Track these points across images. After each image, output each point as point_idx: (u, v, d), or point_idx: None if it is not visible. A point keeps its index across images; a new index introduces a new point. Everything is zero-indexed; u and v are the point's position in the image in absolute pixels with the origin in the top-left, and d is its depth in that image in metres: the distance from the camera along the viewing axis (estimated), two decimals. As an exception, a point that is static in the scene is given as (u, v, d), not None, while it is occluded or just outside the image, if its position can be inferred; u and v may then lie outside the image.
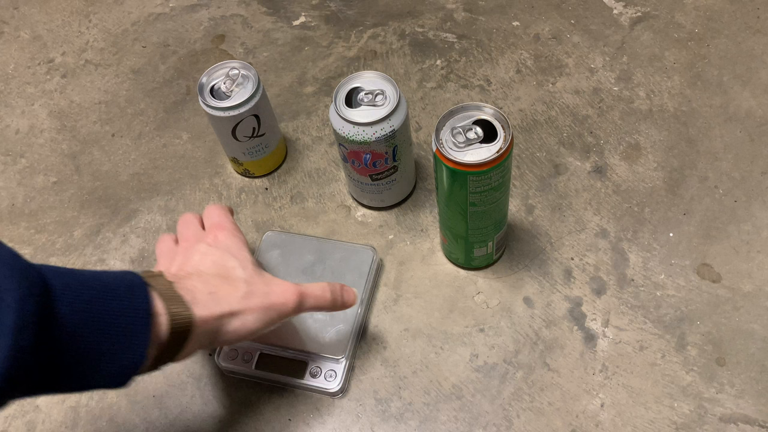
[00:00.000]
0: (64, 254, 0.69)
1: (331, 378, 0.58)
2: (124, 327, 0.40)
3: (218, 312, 0.46)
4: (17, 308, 0.36)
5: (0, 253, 0.38)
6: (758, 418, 0.55)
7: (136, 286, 0.42)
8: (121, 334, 0.40)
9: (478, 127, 0.52)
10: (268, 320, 0.49)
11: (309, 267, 0.63)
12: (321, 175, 0.73)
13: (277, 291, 0.50)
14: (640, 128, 0.72)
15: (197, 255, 0.51)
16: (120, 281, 0.42)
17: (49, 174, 0.76)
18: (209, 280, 0.48)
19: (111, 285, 0.42)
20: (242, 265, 0.50)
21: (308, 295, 0.51)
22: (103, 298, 0.40)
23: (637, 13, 0.83)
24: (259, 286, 0.49)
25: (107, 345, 0.40)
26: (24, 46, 0.89)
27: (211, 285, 0.47)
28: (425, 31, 0.84)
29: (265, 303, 0.49)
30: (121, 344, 0.40)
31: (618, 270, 0.63)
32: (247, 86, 0.65)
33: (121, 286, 0.42)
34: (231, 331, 0.47)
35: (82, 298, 0.40)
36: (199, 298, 0.46)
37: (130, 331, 0.41)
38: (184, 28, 0.89)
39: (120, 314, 0.41)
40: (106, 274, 0.43)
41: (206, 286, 0.47)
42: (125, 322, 0.41)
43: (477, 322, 0.61)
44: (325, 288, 0.53)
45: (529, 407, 0.56)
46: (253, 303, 0.48)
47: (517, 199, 0.68)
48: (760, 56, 0.77)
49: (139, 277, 0.43)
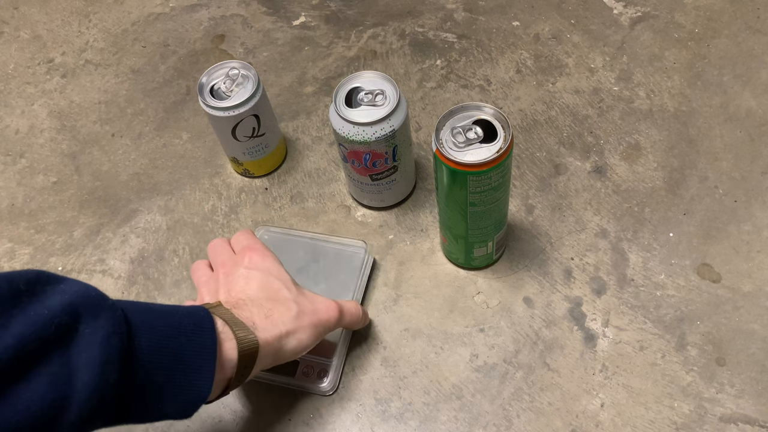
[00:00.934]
0: (64, 254, 0.69)
1: (323, 377, 0.58)
2: (193, 362, 0.43)
3: (277, 333, 0.49)
4: (105, 344, 0.38)
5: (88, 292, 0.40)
6: (758, 418, 0.55)
7: (204, 321, 0.45)
8: (190, 368, 0.43)
9: (478, 127, 0.52)
10: (318, 335, 0.52)
11: (303, 264, 0.63)
12: (321, 175, 0.73)
13: (323, 307, 0.53)
14: (640, 128, 0.72)
15: (241, 280, 0.52)
16: (190, 317, 0.45)
17: (49, 174, 0.76)
18: (262, 304, 0.50)
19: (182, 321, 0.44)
20: (286, 286, 0.52)
21: (346, 311, 0.55)
22: (176, 335, 0.43)
23: (637, 13, 0.83)
24: (306, 305, 0.52)
25: (177, 379, 0.42)
26: (24, 46, 0.89)
27: (265, 309, 0.50)
28: (425, 31, 0.84)
29: (314, 320, 0.52)
30: (189, 378, 0.43)
31: (618, 270, 0.63)
32: (247, 86, 0.65)
33: (190, 323, 0.44)
34: (290, 349, 0.50)
35: (158, 335, 0.42)
36: (258, 322, 0.48)
37: (198, 366, 0.43)
38: (184, 28, 0.89)
39: (190, 350, 0.43)
40: (178, 310, 0.45)
41: (261, 310, 0.49)
42: (194, 357, 0.43)
43: (477, 322, 0.61)
44: (357, 306, 0.58)
45: (529, 407, 0.56)
46: (305, 321, 0.51)
47: (517, 199, 0.68)
48: (760, 56, 0.77)
49: (206, 311, 0.46)
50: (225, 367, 0.45)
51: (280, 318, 0.50)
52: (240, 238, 0.58)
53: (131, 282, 0.67)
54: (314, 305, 0.53)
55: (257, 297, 0.51)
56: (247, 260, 0.53)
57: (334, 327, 0.54)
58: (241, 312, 0.48)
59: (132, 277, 0.67)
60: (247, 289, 0.51)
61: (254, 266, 0.53)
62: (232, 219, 0.70)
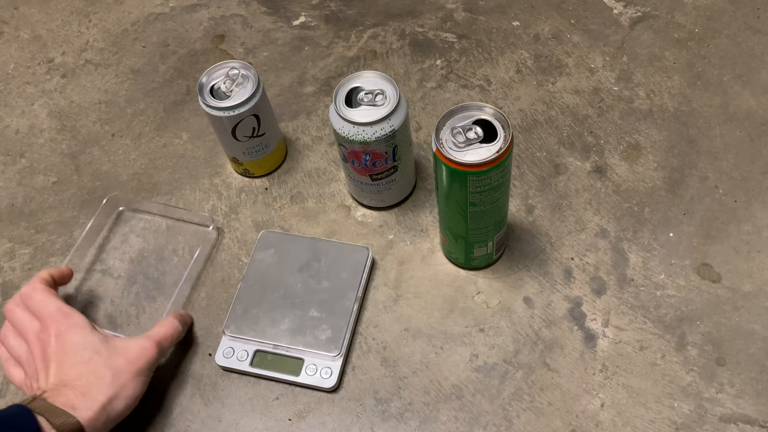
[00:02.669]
0: (64, 254, 0.69)
1: (327, 375, 0.58)
2: None
3: (98, 406, 0.51)
4: None
5: None
6: (758, 418, 0.55)
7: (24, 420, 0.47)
8: None
9: (478, 127, 0.52)
10: (144, 381, 0.55)
11: (304, 266, 0.63)
12: (321, 175, 0.73)
13: (137, 355, 0.55)
14: (640, 128, 0.72)
15: (53, 364, 0.53)
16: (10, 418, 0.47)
17: (49, 174, 0.76)
18: (76, 384, 0.52)
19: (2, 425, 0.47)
20: (96, 352, 0.54)
21: (164, 339, 0.57)
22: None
23: (637, 13, 0.83)
24: (118, 362, 0.54)
25: None
26: (24, 46, 0.89)
27: (79, 387, 0.51)
28: (425, 31, 0.84)
29: (134, 370, 0.54)
30: None
31: (618, 270, 0.63)
32: (247, 86, 0.65)
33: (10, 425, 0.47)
34: (120, 409, 0.52)
35: None
36: (77, 403, 0.50)
37: None
38: (184, 28, 0.89)
39: None
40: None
41: (76, 390, 0.51)
42: None
43: (477, 322, 0.61)
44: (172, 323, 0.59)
45: (529, 407, 0.56)
46: (124, 379, 0.53)
47: (517, 199, 0.68)
48: (760, 56, 0.77)
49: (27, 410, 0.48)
50: None
51: (98, 390, 0.51)
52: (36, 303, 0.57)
53: (131, 282, 0.67)
54: (127, 355, 0.54)
55: (70, 377, 0.52)
56: (54, 338, 0.54)
57: (158, 360, 0.56)
58: (58, 399, 0.50)
59: (132, 276, 0.67)
60: (61, 372, 0.53)
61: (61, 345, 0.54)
62: (232, 219, 0.70)
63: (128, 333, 0.63)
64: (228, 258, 0.67)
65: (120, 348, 0.55)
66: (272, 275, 0.63)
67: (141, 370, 0.54)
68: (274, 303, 0.62)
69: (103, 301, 0.66)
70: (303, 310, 0.61)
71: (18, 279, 0.68)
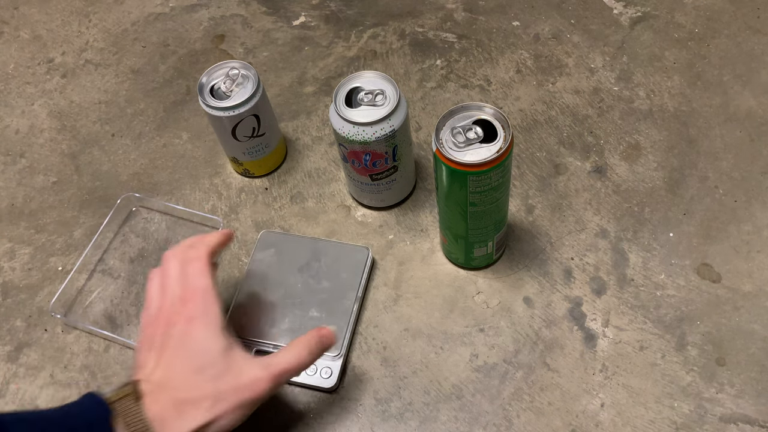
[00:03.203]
0: (64, 254, 0.69)
1: (327, 375, 0.58)
2: None
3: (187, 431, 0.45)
4: None
5: None
6: (758, 418, 0.55)
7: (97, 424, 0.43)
8: None
9: (478, 127, 0.52)
10: (242, 416, 0.48)
11: (304, 266, 0.63)
12: (321, 175, 0.73)
13: (246, 385, 0.48)
14: (640, 128, 0.72)
15: (169, 351, 0.49)
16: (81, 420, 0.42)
17: (49, 174, 0.76)
18: (176, 397, 0.47)
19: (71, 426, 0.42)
20: (211, 361, 0.48)
21: (284, 373, 0.49)
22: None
23: (637, 13, 0.83)
24: (227, 384, 0.48)
25: None
26: (24, 46, 0.89)
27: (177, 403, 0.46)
28: (425, 31, 0.84)
29: (237, 401, 0.47)
30: None
31: (618, 270, 0.63)
32: (247, 86, 0.65)
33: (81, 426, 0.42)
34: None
35: None
36: (168, 419, 0.45)
37: None
38: (184, 28, 0.89)
39: None
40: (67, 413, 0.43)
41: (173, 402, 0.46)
42: None
43: (477, 322, 0.61)
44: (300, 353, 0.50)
45: (529, 407, 0.56)
46: (224, 407, 0.47)
47: (517, 199, 0.68)
48: (760, 56, 0.77)
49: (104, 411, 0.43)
50: None
51: (193, 415, 0.46)
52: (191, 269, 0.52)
53: (131, 282, 0.67)
54: (238, 381, 0.48)
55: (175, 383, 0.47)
56: (185, 320, 0.50)
57: (267, 397, 0.49)
58: (153, 405, 0.45)
59: (132, 277, 0.67)
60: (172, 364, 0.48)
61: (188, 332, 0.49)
62: (232, 219, 0.70)
63: (128, 333, 0.63)
64: (228, 258, 0.67)
65: (234, 368, 0.48)
66: (272, 275, 0.63)
67: (244, 403, 0.47)
68: (274, 303, 0.62)
69: (104, 301, 0.66)
70: (303, 310, 0.61)
71: (18, 279, 0.68)
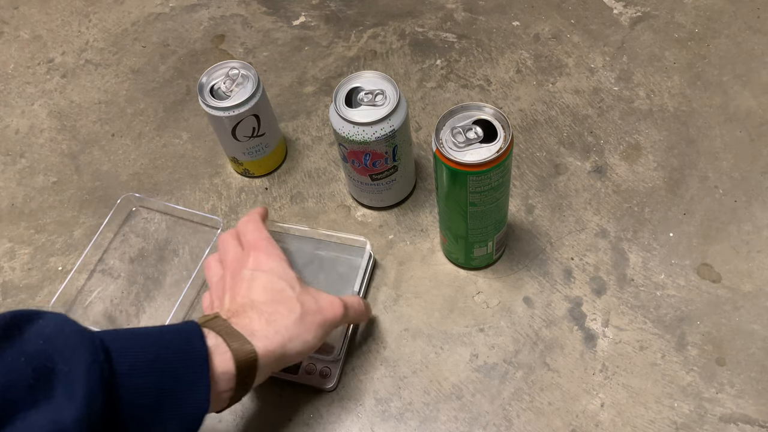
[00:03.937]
0: (64, 254, 0.69)
1: (326, 375, 0.58)
2: (185, 378, 0.42)
3: (279, 340, 0.48)
4: (85, 378, 0.38)
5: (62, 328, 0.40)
6: (758, 418, 0.55)
7: (193, 337, 0.44)
8: (183, 385, 0.42)
9: (478, 127, 0.52)
10: (323, 334, 0.51)
11: (304, 265, 0.63)
12: (321, 175, 0.73)
13: (327, 305, 0.52)
14: (640, 128, 0.72)
15: (244, 284, 0.52)
16: (178, 335, 0.44)
17: (49, 174, 0.76)
18: (264, 309, 0.49)
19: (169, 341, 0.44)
20: (290, 285, 0.52)
21: (350, 306, 0.54)
22: (162, 354, 0.42)
23: (637, 13, 0.83)
24: (310, 304, 0.51)
25: (170, 397, 0.42)
26: (24, 46, 0.89)
27: (266, 314, 0.49)
28: (425, 31, 0.84)
29: (319, 320, 0.51)
30: (183, 395, 0.42)
31: (618, 270, 0.63)
32: (247, 86, 0.65)
33: (179, 340, 0.44)
34: (294, 353, 0.49)
35: (142, 357, 0.42)
36: (258, 329, 0.47)
37: (191, 382, 0.42)
38: (184, 28, 0.89)
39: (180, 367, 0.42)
40: (165, 331, 0.45)
41: (262, 315, 0.49)
42: (185, 374, 0.42)
43: (477, 322, 0.61)
44: (360, 300, 0.57)
45: (529, 407, 0.56)
46: (309, 322, 0.50)
47: (517, 199, 0.68)
48: (760, 56, 0.77)
49: (197, 326, 0.45)
50: (221, 379, 0.44)
51: (283, 322, 0.49)
52: (245, 230, 0.56)
53: (131, 282, 0.67)
54: (318, 304, 0.52)
55: (259, 301, 0.50)
56: (252, 260, 0.53)
57: (339, 324, 0.53)
58: (240, 320, 0.48)
59: (132, 276, 0.67)
60: (250, 293, 0.51)
61: (258, 267, 0.53)
62: (232, 219, 0.70)
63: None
64: (228, 258, 0.67)
65: (312, 292, 0.52)
66: None
67: (325, 322, 0.51)
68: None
69: (104, 301, 0.66)
70: None
71: (18, 279, 0.68)
